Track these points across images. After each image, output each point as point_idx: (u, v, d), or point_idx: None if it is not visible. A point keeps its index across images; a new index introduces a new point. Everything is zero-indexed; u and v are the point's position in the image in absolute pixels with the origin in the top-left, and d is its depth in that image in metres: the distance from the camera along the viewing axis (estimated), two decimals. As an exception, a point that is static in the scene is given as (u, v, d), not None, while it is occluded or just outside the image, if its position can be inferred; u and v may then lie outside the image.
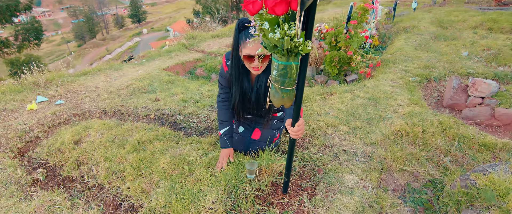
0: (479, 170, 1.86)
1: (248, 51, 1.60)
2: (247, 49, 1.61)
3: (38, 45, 24.82)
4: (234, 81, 1.84)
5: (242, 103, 1.92)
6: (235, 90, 1.87)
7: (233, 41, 1.70)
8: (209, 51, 5.93)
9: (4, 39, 21.91)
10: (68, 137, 2.42)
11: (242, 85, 1.85)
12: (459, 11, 8.87)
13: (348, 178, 1.91)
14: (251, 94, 1.88)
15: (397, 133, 2.48)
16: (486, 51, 4.46)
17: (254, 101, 1.90)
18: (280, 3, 1.08)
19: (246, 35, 1.60)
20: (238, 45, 1.68)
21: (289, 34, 1.11)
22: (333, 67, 4.02)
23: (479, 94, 2.92)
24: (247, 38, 1.59)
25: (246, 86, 1.86)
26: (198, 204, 1.68)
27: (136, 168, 2.00)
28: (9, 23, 21.92)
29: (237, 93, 1.87)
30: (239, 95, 1.87)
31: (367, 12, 3.89)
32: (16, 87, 3.53)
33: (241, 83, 1.85)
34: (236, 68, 1.79)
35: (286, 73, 1.24)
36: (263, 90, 1.85)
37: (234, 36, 1.68)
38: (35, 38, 24.33)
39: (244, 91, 1.87)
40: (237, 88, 1.86)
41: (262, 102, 1.92)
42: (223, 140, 1.98)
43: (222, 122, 2.00)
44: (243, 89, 1.87)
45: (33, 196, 1.96)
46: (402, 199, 1.95)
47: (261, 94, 1.87)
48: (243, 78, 1.84)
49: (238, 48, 1.69)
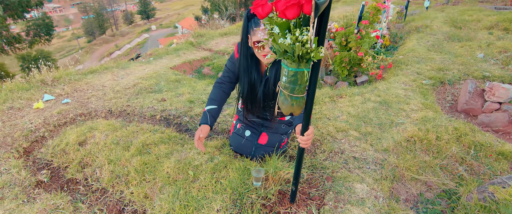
0: (498, 182, 1.76)
1: (257, 38, 1.55)
2: (256, 37, 1.56)
3: (49, 40, 25.18)
4: (243, 72, 1.79)
5: (250, 95, 1.86)
6: (244, 82, 1.81)
7: (242, 31, 1.66)
8: (217, 49, 5.88)
9: (16, 34, 22.24)
10: (73, 138, 2.39)
11: (251, 76, 1.80)
12: (473, 10, 8.62)
13: (359, 187, 1.83)
14: (260, 86, 1.82)
15: (409, 139, 2.38)
16: (503, 53, 4.30)
17: (261, 95, 1.84)
18: (292, 6, 1.01)
19: (255, 23, 1.56)
20: (247, 34, 1.63)
21: (300, 39, 1.04)
22: (343, 68, 3.92)
23: (497, 99, 2.79)
24: (256, 26, 1.56)
25: (255, 78, 1.80)
26: (202, 212, 1.63)
27: (140, 172, 1.96)
28: (21, 19, 22.25)
29: (246, 84, 1.81)
30: (248, 86, 1.82)
31: (379, 12, 3.78)
32: (23, 85, 3.53)
33: (250, 74, 1.79)
34: (245, 59, 1.74)
35: (297, 80, 1.17)
36: (272, 82, 1.79)
37: (243, 26, 1.64)
38: (46, 33, 24.69)
39: (252, 83, 1.81)
40: (245, 80, 1.80)
41: (271, 96, 1.87)
42: (205, 115, 1.83)
43: (212, 100, 1.89)
44: (251, 81, 1.81)
45: (36, 199, 1.93)
46: (414, 210, 1.87)
47: (270, 87, 1.81)
48: (252, 70, 1.79)
49: (247, 37, 1.65)
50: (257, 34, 1.55)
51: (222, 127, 2.64)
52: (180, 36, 11.84)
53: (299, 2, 1.00)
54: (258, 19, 1.54)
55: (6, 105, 3.15)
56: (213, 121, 1.84)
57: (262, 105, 1.93)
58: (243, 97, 1.89)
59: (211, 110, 1.86)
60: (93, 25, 55.03)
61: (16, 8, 21.17)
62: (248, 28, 1.60)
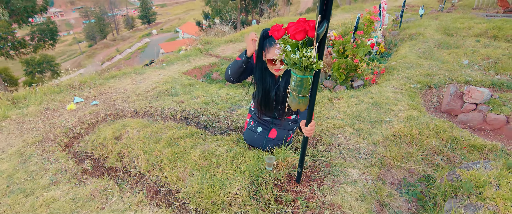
0: (464, 167, 2.18)
1: (271, 56, 1.97)
2: (270, 54, 1.97)
3: (53, 45, 25.65)
4: (258, 81, 2.21)
5: (264, 99, 2.26)
6: (258, 89, 2.23)
7: (257, 48, 2.04)
8: (224, 55, 6.31)
9: (21, 39, 22.69)
10: (109, 134, 2.81)
11: (265, 85, 2.21)
12: (465, 18, 9.06)
13: (352, 172, 2.24)
14: (272, 91, 2.22)
15: (396, 134, 2.80)
16: (486, 60, 4.73)
17: (274, 97, 2.23)
18: (300, 32, 1.44)
19: (270, 42, 1.97)
20: (262, 50, 2.04)
21: (306, 55, 1.46)
22: (341, 74, 4.34)
23: (473, 101, 3.21)
24: (270, 45, 1.96)
25: (269, 84, 2.20)
26: (226, 190, 2.03)
27: (171, 160, 2.37)
28: (25, 24, 22.70)
29: (260, 91, 2.23)
30: (262, 92, 2.23)
31: (373, 23, 4.21)
32: (55, 88, 3.95)
33: (264, 83, 2.20)
34: (259, 70, 2.15)
35: (303, 84, 1.59)
36: (282, 89, 2.19)
37: (258, 43, 2.03)
38: (51, 38, 25.13)
39: (266, 90, 2.22)
40: (260, 88, 2.22)
41: (280, 99, 2.26)
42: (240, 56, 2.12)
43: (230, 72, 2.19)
44: (265, 88, 2.21)
45: (86, 182, 2.34)
46: (398, 191, 2.28)
47: (280, 92, 2.21)
48: (266, 78, 2.18)
49: (262, 52, 2.05)
50: (272, 52, 1.95)
51: (235, 125, 3.05)
52: (182, 40, 12.23)
53: (305, 29, 1.44)
54: (273, 39, 1.94)
55: (42, 106, 3.56)
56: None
57: (273, 106, 2.34)
58: (258, 100, 2.29)
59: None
60: (94, 29, 55.59)
61: (21, 13, 21.66)
62: (263, 46, 2.01)
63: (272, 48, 1.95)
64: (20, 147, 2.81)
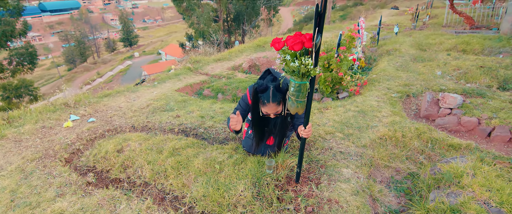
0: (445, 162, 2.42)
1: (267, 110, 2.18)
2: (265, 109, 2.17)
3: (32, 69, 25.11)
4: (255, 127, 2.36)
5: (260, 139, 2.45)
6: (255, 133, 2.41)
7: (252, 101, 2.22)
8: (213, 73, 6.52)
9: (-1, 64, 22.13)
10: (111, 147, 2.89)
11: (262, 128, 2.39)
12: (436, 35, 9.77)
13: (345, 171, 2.44)
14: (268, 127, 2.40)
15: (382, 137, 3.04)
16: (456, 71, 5.17)
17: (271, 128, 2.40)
18: (297, 43, 1.67)
19: (266, 98, 2.12)
20: (257, 103, 2.20)
21: (304, 63, 1.68)
22: (327, 86, 4.62)
23: (448, 106, 3.54)
24: (264, 103, 2.14)
25: (264, 127, 2.39)
26: (231, 192, 2.17)
27: (175, 168, 2.49)
28: (3, 48, 22.24)
29: (257, 134, 2.41)
30: (258, 135, 2.42)
31: (354, 39, 4.56)
32: (49, 107, 3.99)
33: (260, 127, 2.38)
34: (256, 116, 2.30)
35: (300, 89, 1.80)
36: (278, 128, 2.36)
37: (252, 97, 2.20)
38: (30, 62, 24.62)
39: (263, 132, 2.41)
40: (256, 132, 2.40)
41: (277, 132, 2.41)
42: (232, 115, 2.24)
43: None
44: (262, 132, 2.40)
45: (92, 193, 2.41)
46: (387, 188, 2.49)
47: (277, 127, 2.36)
48: (263, 122, 2.35)
49: (257, 104, 2.22)
50: (268, 108, 2.13)
51: (233, 136, 3.21)
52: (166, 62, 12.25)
53: (302, 41, 1.67)
54: (267, 97, 2.10)
55: (38, 125, 3.60)
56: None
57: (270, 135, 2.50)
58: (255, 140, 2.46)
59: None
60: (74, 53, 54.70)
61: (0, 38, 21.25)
62: (258, 102, 2.18)
63: (268, 105, 2.13)
64: (20, 164, 2.84)
